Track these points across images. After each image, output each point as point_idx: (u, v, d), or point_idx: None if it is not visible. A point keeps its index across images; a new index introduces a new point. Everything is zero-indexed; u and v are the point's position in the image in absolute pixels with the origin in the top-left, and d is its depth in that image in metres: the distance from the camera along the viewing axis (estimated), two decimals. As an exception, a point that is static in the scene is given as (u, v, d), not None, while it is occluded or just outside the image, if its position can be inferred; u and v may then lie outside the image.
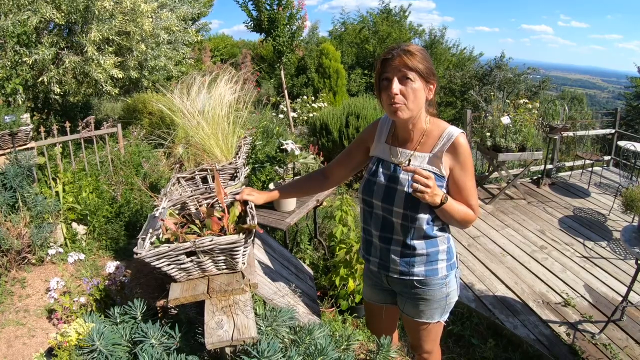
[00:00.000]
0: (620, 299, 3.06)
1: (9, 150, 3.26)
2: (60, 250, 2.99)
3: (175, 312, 1.79)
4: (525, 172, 5.82)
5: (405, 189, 1.47)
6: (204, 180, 2.22)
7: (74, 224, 3.55)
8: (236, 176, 2.16)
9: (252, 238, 1.38)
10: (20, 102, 4.07)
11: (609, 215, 4.91)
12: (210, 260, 1.40)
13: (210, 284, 1.42)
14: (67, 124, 3.84)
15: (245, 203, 1.62)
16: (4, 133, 3.20)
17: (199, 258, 1.37)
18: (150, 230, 1.48)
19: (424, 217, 1.49)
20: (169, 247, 1.31)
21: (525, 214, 5.04)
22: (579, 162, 6.53)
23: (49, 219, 3.21)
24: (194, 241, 1.32)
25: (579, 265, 3.84)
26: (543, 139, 5.59)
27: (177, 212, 1.76)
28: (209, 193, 1.81)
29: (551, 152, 6.08)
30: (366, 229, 1.67)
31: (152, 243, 1.44)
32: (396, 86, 1.37)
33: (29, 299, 2.77)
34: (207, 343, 1.20)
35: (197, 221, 1.58)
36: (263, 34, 7.24)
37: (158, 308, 1.79)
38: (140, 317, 1.57)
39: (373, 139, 1.66)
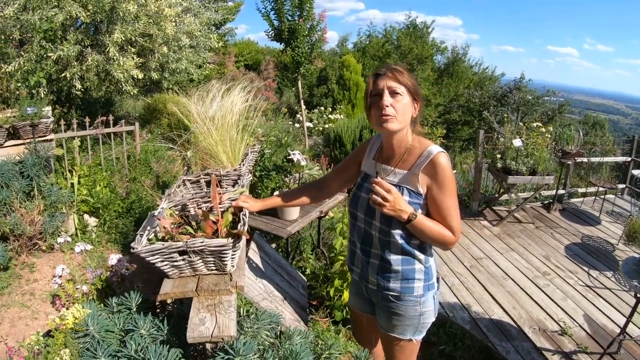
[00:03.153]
0: (619, 331, 3.03)
1: (29, 141, 3.41)
2: (69, 239, 3.10)
3: (172, 307, 1.88)
4: (535, 195, 5.78)
5: None
6: (209, 184, 2.31)
7: (86, 216, 3.68)
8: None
9: (239, 242, 1.45)
10: (43, 95, 4.23)
11: (617, 244, 4.82)
12: (200, 261, 1.48)
13: (200, 283, 1.50)
14: (87, 119, 4.00)
15: (240, 209, 1.69)
16: (25, 124, 3.35)
17: (190, 257, 1.45)
18: (149, 228, 1.58)
19: (397, 232, 1.52)
20: (162, 244, 1.40)
21: (531, 238, 5.00)
22: (592, 189, 6.44)
23: (62, 209, 3.34)
24: (186, 241, 1.40)
25: (581, 294, 3.79)
26: (557, 164, 5.53)
27: (177, 212, 1.85)
28: (209, 197, 1.89)
29: (564, 177, 6.02)
30: (352, 240, 1.74)
31: (149, 240, 1.53)
32: (387, 99, 1.44)
33: (35, 283, 2.89)
34: (189, 337, 1.28)
35: (193, 223, 1.66)
36: (283, 43, 7.34)
37: (157, 302, 1.87)
38: (134, 309, 1.66)
39: (364, 155, 1.73)
